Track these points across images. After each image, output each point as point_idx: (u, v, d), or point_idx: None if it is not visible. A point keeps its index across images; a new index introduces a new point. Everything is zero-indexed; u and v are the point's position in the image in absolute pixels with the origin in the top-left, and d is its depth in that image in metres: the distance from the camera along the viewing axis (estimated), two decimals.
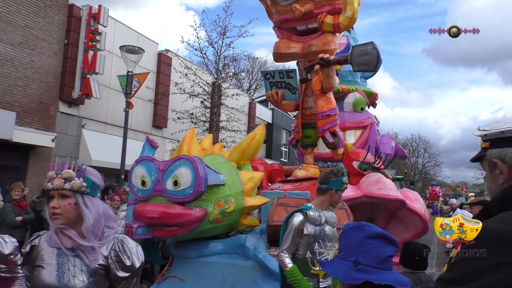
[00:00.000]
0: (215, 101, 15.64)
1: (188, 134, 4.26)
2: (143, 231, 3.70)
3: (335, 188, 3.17)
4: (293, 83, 5.33)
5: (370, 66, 4.87)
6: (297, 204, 3.98)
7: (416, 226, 5.05)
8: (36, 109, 12.00)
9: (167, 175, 3.73)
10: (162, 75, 16.69)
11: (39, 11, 12.00)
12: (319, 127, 5.54)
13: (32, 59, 11.84)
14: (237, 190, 4.02)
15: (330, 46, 5.41)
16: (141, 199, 3.85)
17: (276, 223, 3.92)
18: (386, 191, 4.64)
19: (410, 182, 16.27)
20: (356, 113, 7.13)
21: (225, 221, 3.96)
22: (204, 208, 3.77)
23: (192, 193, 3.65)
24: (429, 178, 48.87)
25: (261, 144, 4.46)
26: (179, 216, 3.66)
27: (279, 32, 5.87)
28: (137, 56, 11.23)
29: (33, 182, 11.58)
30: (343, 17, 5.32)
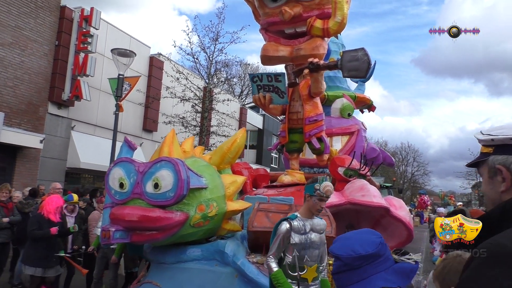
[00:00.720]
0: (206, 106, 15.67)
1: (169, 136, 4.13)
2: (121, 235, 3.57)
3: (308, 193, 3.24)
4: (281, 87, 5.24)
5: (360, 72, 4.80)
6: (278, 210, 3.94)
7: (401, 234, 4.99)
8: (25, 110, 11.91)
9: (147, 177, 3.61)
10: (153, 79, 16.68)
11: (31, 12, 11.96)
12: (306, 132, 5.46)
13: (22, 59, 11.77)
14: (219, 194, 3.93)
15: (319, 50, 5.34)
16: (118, 202, 3.71)
17: (256, 229, 3.86)
18: (370, 198, 4.58)
19: (399, 190, 16.38)
20: (343, 119, 7.06)
21: (207, 226, 3.86)
22: (185, 212, 3.66)
23: (174, 197, 3.53)
24: (418, 186, 49.26)
25: (242, 148, 4.38)
26: (159, 220, 3.54)
27: (266, 34, 5.78)
28: (128, 59, 11.21)
29: (20, 183, 11.44)
30: (332, 22, 5.27)
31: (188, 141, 4.51)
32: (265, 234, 3.79)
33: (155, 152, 4.16)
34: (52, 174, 12.62)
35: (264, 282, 3.57)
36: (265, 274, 3.63)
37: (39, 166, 12.40)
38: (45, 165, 12.57)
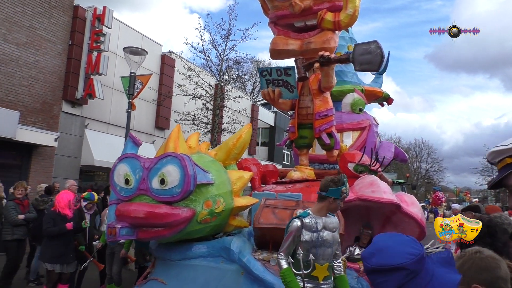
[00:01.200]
0: (218, 103, 15.71)
1: (174, 131, 4.06)
2: (127, 232, 3.52)
3: (334, 197, 3.17)
4: (291, 81, 5.12)
5: (373, 66, 4.66)
6: (285, 206, 3.87)
7: (412, 231, 4.82)
8: (39, 108, 12.11)
9: (153, 173, 3.55)
10: (165, 77, 16.79)
11: (45, 12, 12.13)
12: (315, 128, 5.36)
13: (37, 59, 11.96)
14: (226, 190, 3.86)
15: (330, 44, 5.24)
16: (124, 199, 3.66)
17: (262, 226, 3.79)
18: (380, 194, 4.42)
19: (412, 186, 16.14)
20: (354, 114, 6.88)
21: (214, 222, 3.80)
22: (192, 208, 3.60)
23: (180, 192, 3.48)
24: (432, 183, 48.67)
25: (247, 143, 4.32)
26: (166, 216, 3.48)
27: (275, 28, 5.67)
28: (140, 58, 11.32)
29: (35, 181, 11.65)
30: (344, 15, 5.15)
31: (194, 136, 4.44)
32: (271, 230, 3.75)
33: (160, 148, 4.10)
34: (67, 171, 12.82)
35: (270, 280, 3.52)
36: (271, 271, 3.59)
37: (54, 164, 12.60)
38: (59, 163, 12.77)
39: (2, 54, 11.01)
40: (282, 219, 3.75)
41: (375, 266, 1.62)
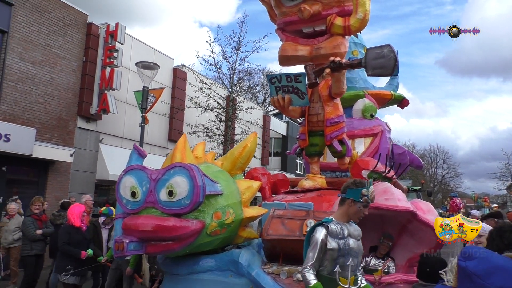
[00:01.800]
0: (230, 115, 15.78)
1: (181, 141, 3.95)
2: (135, 247, 3.41)
3: (352, 198, 2.94)
4: (301, 87, 4.99)
5: (387, 70, 4.51)
6: (294, 216, 3.74)
7: (430, 240, 4.55)
8: (55, 125, 12.33)
9: (161, 184, 3.44)
10: (177, 90, 16.95)
11: (59, 30, 12.41)
12: (327, 135, 5.24)
13: (52, 76, 12.21)
14: (235, 200, 3.76)
15: (340, 49, 5.13)
16: (131, 212, 3.56)
17: (271, 237, 3.65)
18: (394, 202, 4.22)
19: (428, 193, 15.80)
20: (365, 120, 6.72)
21: (223, 234, 3.69)
22: (201, 220, 3.49)
23: (190, 204, 3.38)
24: (449, 189, 47.84)
25: (253, 152, 4.20)
26: (175, 229, 3.37)
27: (283, 34, 5.56)
28: (152, 72, 11.48)
29: (52, 197, 11.83)
30: (354, 19, 5.04)
31: (200, 146, 4.34)
32: (281, 242, 3.63)
33: (167, 159, 4.02)
34: (82, 186, 12.97)
35: None
36: (282, 285, 3.46)
37: (70, 179, 12.76)
38: (75, 178, 12.93)
39: (18, 73, 11.27)
40: (292, 230, 3.64)
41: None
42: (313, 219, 3.62)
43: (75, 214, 6.23)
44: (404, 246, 4.85)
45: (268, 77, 5.22)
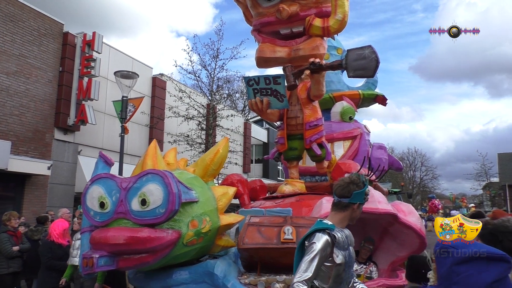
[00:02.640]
0: (210, 123, 15.70)
1: (151, 147, 3.75)
2: (106, 262, 3.15)
3: (359, 202, 2.59)
4: (280, 89, 4.81)
5: (368, 71, 4.44)
6: (271, 223, 3.61)
7: (412, 243, 4.48)
8: (31, 137, 11.98)
9: (132, 193, 3.22)
10: (157, 99, 16.77)
11: (34, 40, 12.12)
12: (306, 138, 5.12)
13: (27, 87, 11.89)
14: (211, 208, 3.58)
15: (319, 50, 5.02)
16: (99, 224, 3.31)
17: (247, 246, 3.47)
18: (374, 204, 4.02)
19: (408, 195, 16.01)
20: (344, 123, 6.63)
21: (200, 243, 3.49)
22: (177, 229, 3.28)
23: (165, 213, 3.15)
24: (428, 191, 48.77)
25: (225, 158, 4.05)
26: (150, 241, 3.13)
27: (259, 36, 5.41)
28: (131, 81, 11.29)
29: (29, 211, 11.45)
30: (333, 20, 4.96)
31: (171, 152, 4.14)
32: (258, 251, 3.49)
33: (137, 166, 3.75)
34: (61, 200, 12.62)
35: None
36: None
37: (47, 193, 12.40)
38: (53, 192, 12.58)
39: None
40: (269, 237, 3.48)
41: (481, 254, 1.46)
42: (291, 225, 3.49)
43: (58, 231, 6.02)
44: (386, 249, 4.77)
45: (245, 79, 4.98)
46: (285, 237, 3.42)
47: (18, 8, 11.68)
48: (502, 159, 42.05)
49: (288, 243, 3.38)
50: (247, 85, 4.97)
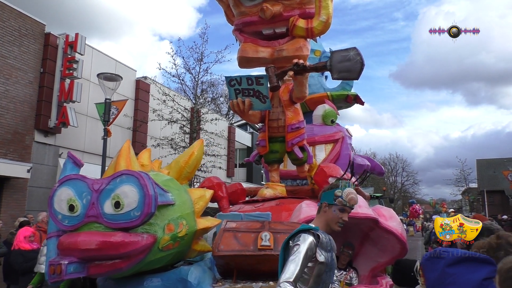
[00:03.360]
0: (194, 127, 15.62)
1: (125, 147, 3.58)
2: (76, 269, 2.94)
3: (326, 201, 2.58)
4: (263, 90, 4.65)
5: (353, 74, 4.36)
6: (248, 229, 3.47)
7: (393, 248, 4.37)
8: (10, 139, 11.70)
9: (105, 195, 3.04)
10: (140, 102, 16.61)
11: (14, 40, 11.87)
12: (288, 141, 5.01)
13: (7, 88, 11.62)
14: (188, 211, 3.44)
15: (303, 51, 4.96)
16: (68, 229, 3.10)
17: (222, 253, 3.32)
18: (354, 209, 4.09)
19: (389, 199, 16.13)
20: (326, 127, 6.53)
21: (176, 248, 3.33)
22: (152, 233, 3.11)
23: (140, 216, 2.99)
24: (409, 196, 49.50)
25: (200, 160, 3.92)
26: (124, 246, 2.96)
27: (241, 35, 5.30)
28: (115, 84, 11.14)
29: (7, 215, 11.15)
30: (317, 22, 4.91)
31: (145, 153, 3.94)
32: (234, 258, 3.36)
33: (109, 168, 3.56)
34: (41, 203, 12.33)
35: None
36: None
37: (27, 196, 12.11)
38: (33, 195, 12.29)
39: None
40: (246, 244, 3.33)
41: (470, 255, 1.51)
42: (269, 231, 3.37)
43: (20, 238, 6.16)
44: (367, 255, 4.67)
45: (227, 79, 4.78)
46: (262, 244, 3.29)
47: None
48: (481, 165, 43.02)
49: (265, 250, 3.27)
50: (229, 85, 4.79)
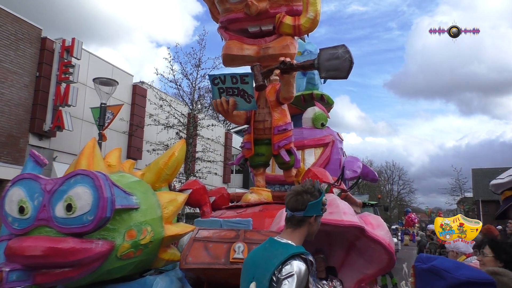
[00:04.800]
0: (191, 132, 15.56)
1: (88, 145, 3.32)
2: (19, 277, 2.67)
3: (315, 214, 2.17)
4: (248, 89, 4.37)
5: (341, 72, 4.11)
6: (221, 239, 3.18)
7: (380, 259, 4.03)
8: (4, 142, 11.61)
9: (57, 197, 2.76)
10: (137, 107, 16.54)
11: (11, 44, 11.82)
12: (274, 144, 4.73)
13: (2, 91, 11.52)
14: (154, 216, 3.13)
15: (290, 49, 4.74)
16: (18, 232, 2.83)
17: (190, 266, 2.98)
18: (339, 216, 3.56)
19: (384, 207, 15.92)
20: (316, 130, 6.23)
21: (139, 257, 3.01)
22: (109, 240, 2.83)
23: (93, 221, 2.69)
24: (405, 204, 49.38)
25: (181, 162, 3.67)
26: (73, 253, 2.67)
27: (226, 33, 5.10)
28: (111, 88, 11.10)
29: None
30: (305, 19, 4.72)
31: (114, 152, 3.67)
32: (203, 271, 3.06)
33: (70, 167, 3.30)
34: None
35: None
36: None
37: None
38: None
39: None
40: (216, 256, 3.02)
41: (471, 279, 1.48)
42: (243, 241, 3.06)
43: None
44: (352, 266, 4.29)
45: (210, 78, 4.49)
46: (234, 256, 2.99)
47: None
48: (476, 174, 42.96)
49: (237, 263, 2.94)
50: (212, 84, 4.51)
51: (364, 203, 15.34)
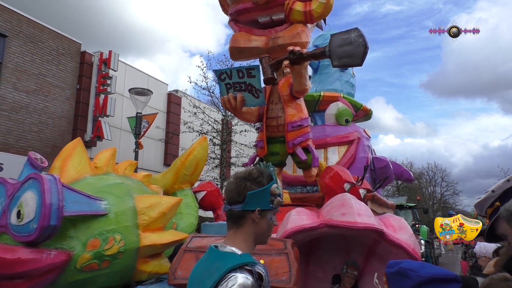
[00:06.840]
0: (224, 138, 15.76)
1: (69, 146, 3.15)
2: None
3: (259, 208, 1.57)
4: (255, 83, 4.04)
5: (355, 59, 3.71)
6: None
7: None
8: (49, 153, 12.20)
9: (14, 203, 2.59)
10: (172, 115, 16.95)
11: (53, 59, 12.48)
12: (289, 141, 4.37)
13: (46, 105, 12.18)
14: (126, 223, 2.82)
15: (301, 38, 4.43)
16: None
17: (179, 282, 2.65)
18: (352, 217, 3.17)
19: (424, 210, 15.16)
20: (339, 127, 5.82)
21: (108, 269, 2.72)
22: (66, 250, 2.59)
23: (36, 229, 2.44)
24: (449, 207, 47.46)
25: (202, 161, 3.34)
26: (19, 264, 2.44)
27: (236, 26, 4.88)
28: (146, 98, 11.48)
29: None
30: (316, 3, 4.35)
31: (104, 153, 3.41)
32: None
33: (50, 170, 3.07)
34: None
35: None
36: None
37: None
38: None
39: (12, 102, 11.24)
40: None
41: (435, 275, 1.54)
42: None
43: None
44: (373, 274, 3.83)
45: (216, 73, 4.24)
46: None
47: (38, 29, 12.05)
48: None
49: None
50: (219, 79, 4.23)
51: (401, 205, 14.73)
